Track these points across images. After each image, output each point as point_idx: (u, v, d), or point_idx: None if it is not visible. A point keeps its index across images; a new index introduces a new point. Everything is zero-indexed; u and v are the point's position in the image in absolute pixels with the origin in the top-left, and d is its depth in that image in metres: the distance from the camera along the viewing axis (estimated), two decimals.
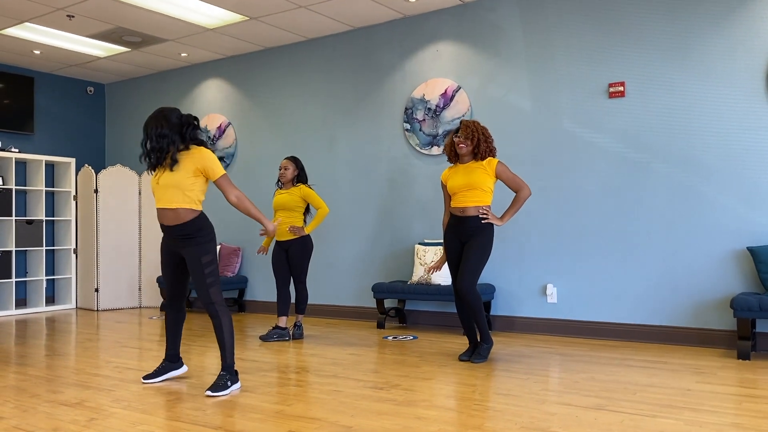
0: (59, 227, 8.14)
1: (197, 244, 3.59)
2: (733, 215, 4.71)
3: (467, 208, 4.27)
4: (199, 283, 3.60)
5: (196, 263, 3.59)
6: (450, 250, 4.38)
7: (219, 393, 3.50)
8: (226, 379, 3.58)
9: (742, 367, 4.10)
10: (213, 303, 3.59)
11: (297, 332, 5.38)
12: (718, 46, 4.79)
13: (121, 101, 8.71)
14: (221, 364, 3.64)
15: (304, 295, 5.36)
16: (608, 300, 5.17)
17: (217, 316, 3.60)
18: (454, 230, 4.34)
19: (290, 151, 7.01)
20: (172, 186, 3.56)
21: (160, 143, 3.54)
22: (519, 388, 3.60)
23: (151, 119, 3.61)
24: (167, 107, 3.67)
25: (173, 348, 3.90)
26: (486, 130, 4.33)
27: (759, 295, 4.41)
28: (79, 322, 6.73)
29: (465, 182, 4.28)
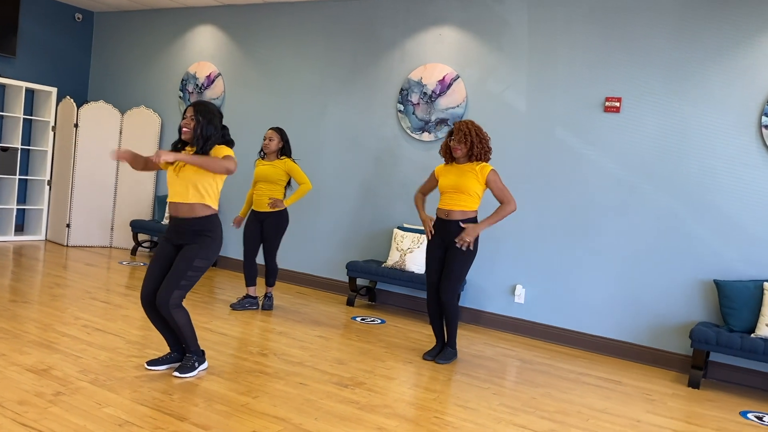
0: (34, 156, 7.98)
1: (202, 244, 3.50)
2: (706, 246, 4.82)
3: (452, 212, 4.28)
4: (172, 279, 3.45)
5: (188, 260, 3.47)
6: (431, 250, 4.39)
7: (186, 375, 3.56)
8: (193, 361, 3.62)
9: (692, 396, 4.28)
10: (168, 305, 3.44)
11: (267, 303, 5.43)
12: (717, 77, 4.80)
13: (110, 33, 8.43)
14: (186, 350, 3.63)
15: (273, 269, 5.38)
16: (573, 308, 5.30)
17: (173, 319, 3.48)
18: (438, 231, 4.36)
19: (280, 112, 6.92)
20: (194, 181, 3.48)
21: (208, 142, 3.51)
22: (478, 399, 3.72)
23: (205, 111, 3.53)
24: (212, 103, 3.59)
25: (177, 345, 3.69)
26: (480, 130, 4.29)
27: (717, 328, 4.56)
28: (48, 260, 6.68)
29: (454, 184, 4.28)
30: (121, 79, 8.26)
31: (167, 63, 7.89)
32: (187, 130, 3.54)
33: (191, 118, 3.54)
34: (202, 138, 3.51)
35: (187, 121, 3.54)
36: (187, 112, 3.57)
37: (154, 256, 3.61)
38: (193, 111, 3.54)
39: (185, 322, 3.54)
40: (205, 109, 3.55)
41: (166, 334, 3.68)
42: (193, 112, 3.54)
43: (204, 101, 3.62)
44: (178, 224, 3.54)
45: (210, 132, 3.52)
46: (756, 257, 4.66)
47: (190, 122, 3.53)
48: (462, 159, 4.31)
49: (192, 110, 3.55)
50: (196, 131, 3.51)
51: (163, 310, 3.47)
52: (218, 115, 3.61)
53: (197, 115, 3.52)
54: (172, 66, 7.84)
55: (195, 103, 3.58)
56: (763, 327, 4.37)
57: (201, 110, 3.54)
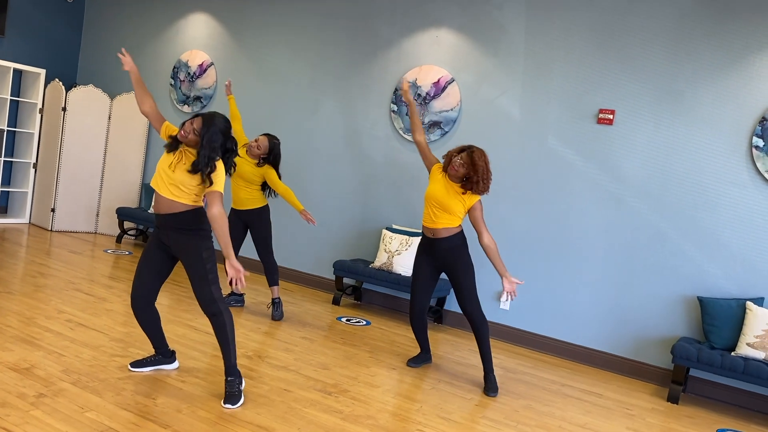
0: (21, 138, 7.87)
1: (197, 238, 3.34)
2: (691, 262, 4.87)
3: (438, 230, 4.19)
4: (199, 279, 3.31)
5: (196, 257, 3.31)
6: (420, 267, 4.35)
7: (237, 405, 3.31)
8: (236, 385, 3.36)
9: (671, 412, 4.34)
10: (215, 301, 3.30)
11: (276, 313, 5.16)
12: (710, 95, 4.83)
13: (101, 16, 8.30)
14: (225, 366, 3.35)
15: (273, 265, 5.21)
16: (557, 317, 5.34)
17: (221, 316, 3.30)
18: (425, 249, 4.33)
19: (272, 105, 6.87)
20: (179, 184, 3.29)
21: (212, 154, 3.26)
22: (461, 411, 3.74)
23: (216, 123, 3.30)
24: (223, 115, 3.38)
25: (163, 345, 3.63)
26: (488, 164, 4.08)
27: (699, 344, 4.62)
28: (31, 245, 6.61)
29: (440, 201, 4.14)
30: (112, 64, 8.14)
31: (159, 49, 7.79)
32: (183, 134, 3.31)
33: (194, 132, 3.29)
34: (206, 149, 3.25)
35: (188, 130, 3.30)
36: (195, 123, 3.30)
37: (144, 257, 3.48)
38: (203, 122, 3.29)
39: (232, 328, 3.33)
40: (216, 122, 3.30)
41: (153, 336, 3.62)
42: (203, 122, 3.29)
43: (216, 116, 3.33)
44: (162, 221, 3.37)
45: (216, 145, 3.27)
46: (740, 276, 4.71)
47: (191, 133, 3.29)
48: (454, 178, 4.16)
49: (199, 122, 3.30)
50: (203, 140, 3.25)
51: (213, 314, 3.30)
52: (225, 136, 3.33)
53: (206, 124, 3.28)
54: (164, 53, 7.74)
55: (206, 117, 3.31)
56: (744, 346, 4.43)
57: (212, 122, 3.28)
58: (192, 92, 7.45)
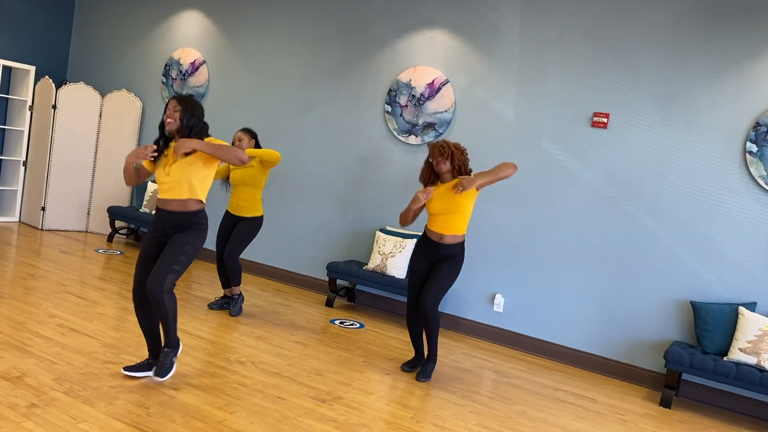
0: (10, 136, 7.79)
1: (190, 232, 3.52)
2: (684, 267, 4.88)
3: (445, 236, 4.25)
4: (165, 263, 3.43)
5: (179, 245, 3.47)
6: (415, 269, 4.36)
7: (166, 377, 3.53)
8: (171, 357, 3.57)
9: (664, 417, 4.35)
10: (163, 290, 3.40)
11: (234, 309, 5.17)
12: (704, 100, 4.83)
13: (92, 11, 8.20)
14: (164, 341, 3.57)
15: (236, 268, 5.13)
16: (550, 320, 5.35)
17: (163, 304, 3.42)
18: (425, 251, 4.34)
19: (264, 104, 6.82)
20: (186, 177, 3.49)
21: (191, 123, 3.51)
22: (455, 418, 3.74)
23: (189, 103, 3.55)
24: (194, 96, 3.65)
25: (158, 345, 3.64)
26: (457, 144, 4.30)
27: (692, 349, 4.64)
28: (21, 245, 6.55)
29: (447, 207, 4.21)
30: (103, 61, 8.06)
31: (151, 46, 7.71)
32: (171, 120, 3.52)
33: (174, 110, 3.53)
34: (187, 128, 3.51)
35: (170, 113, 3.54)
36: (169, 105, 3.56)
37: (142, 252, 3.58)
38: (176, 102, 3.55)
39: (173, 309, 3.49)
40: (189, 102, 3.58)
41: (149, 331, 3.61)
42: (176, 103, 3.55)
43: (188, 96, 3.65)
44: (165, 218, 3.54)
45: (194, 123, 3.54)
46: (733, 281, 4.73)
47: (173, 113, 3.52)
48: (447, 175, 4.27)
49: (174, 102, 3.56)
50: (183, 122, 3.50)
51: (156, 295, 3.40)
52: (200, 108, 3.62)
53: (180, 105, 3.53)
54: (156, 50, 7.67)
55: (176, 96, 3.59)
56: (736, 351, 4.45)
57: (183, 101, 3.57)
58: (184, 90, 7.39)
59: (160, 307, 3.43)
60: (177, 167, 3.50)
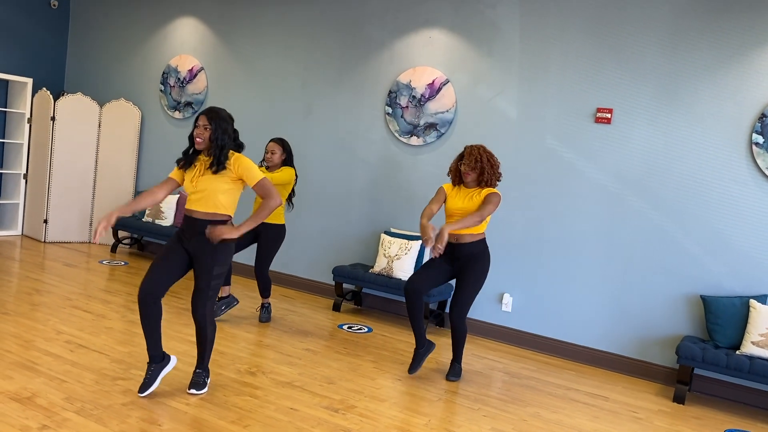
0: (9, 149, 7.76)
1: (215, 252, 3.49)
2: (693, 261, 4.85)
3: (462, 236, 4.25)
4: (201, 291, 3.51)
5: (207, 271, 3.50)
6: (434, 263, 4.33)
7: (202, 391, 3.66)
8: (204, 377, 3.69)
9: (677, 413, 4.33)
10: (206, 315, 3.54)
11: (264, 315, 5.31)
12: (708, 93, 4.79)
13: (87, 21, 8.16)
14: (198, 363, 3.67)
15: (267, 281, 5.26)
16: (560, 318, 5.32)
17: (205, 328, 3.56)
18: (447, 255, 4.32)
19: (264, 109, 6.78)
20: (213, 190, 3.46)
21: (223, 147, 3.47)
22: (469, 423, 3.72)
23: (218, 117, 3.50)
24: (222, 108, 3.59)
25: (157, 349, 3.55)
26: (492, 156, 4.27)
27: (703, 344, 4.61)
28: (25, 259, 6.52)
29: (463, 207, 4.24)
30: (100, 71, 8.02)
31: (148, 55, 7.67)
32: (200, 140, 3.49)
33: (204, 128, 3.49)
34: (218, 147, 3.48)
35: (200, 131, 3.50)
36: (199, 121, 3.51)
37: (162, 255, 3.52)
38: (206, 119, 3.50)
39: (212, 338, 3.62)
40: (217, 117, 3.50)
41: (151, 333, 3.50)
42: (206, 120, 3.49)
43: (215, 107, 3.58)
44: (192, 225, 3.51)
45: (225, 141, 3.50)
46: (743, 273, 4.69)
47: (203, 132, 3.49)
48: (471, 183, 4.29)
49: (205, 119, 3.49)
50: (212, 141, 3.48)
51: (200, 323, 3.54)
52: (230, 121, 3.58)
53: (211, 123, 3.49)
54: (153, 58, 7.63)
55: (207, 111, 3.53)
56: (749, 344, 4.42)
57: (213, 118, 3.49)
58: (183, 98, 7.35)
59: (203, 332, 3.58)
60: (205, 180, 3.49)
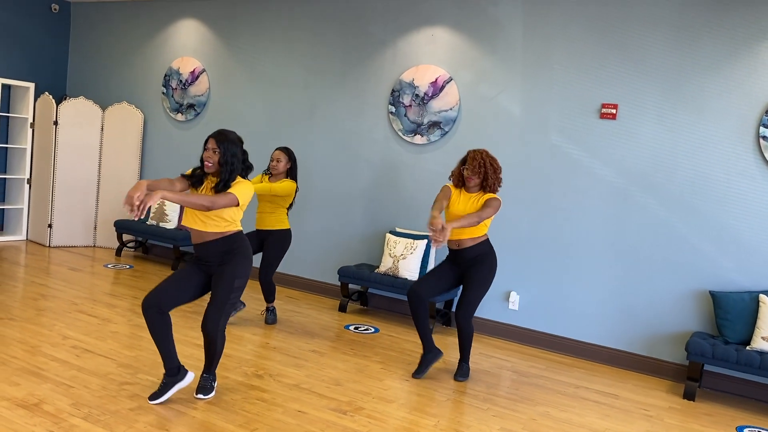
0: (13, 154, 7.75)
1: (235, 264, 3.50)
2: (701, 256, 4.81)
3: (463, 241, 4.26)
4: (217, 305, 3.48)
5: (227, 286, 3.48)
6: (442, 267, 4.38)
7: (209, 395, 3.65)
8: (210, 381, 3.69)
9: (688, 410, 4.29)
10: (218, 330, 3.50)
11: (270, 317, 5.31)
12: (714, 86, 4.75)
13: (88, 25, 8.14)
14: (206, 369, 3.66)
15: (271, 287, 5.25)
16: (568, 316, 5.28)
17: (215, 341, 3.53)
18: (453, 261, 4.36)
19: (267, 110, 6.76)
20: (219, 214, 3.45)
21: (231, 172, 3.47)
22: (478, 423, 3.69)
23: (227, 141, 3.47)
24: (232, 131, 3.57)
25: (172, 361, 3.51)
26: (495, 161, 4.26)
27: (713, 339, 4.57)
28: (30, 264, 6.52)
29: (463, 212, 4.24)
30: (102, 74, 8.01)
31: (149, 57, 7.66)
32: (210, 164, 3.49)
33: (213, 151, 3.47)
34: (227, 171, 3.47)
35: (209, 154, 3.48)
36: (209, 144, 3.50)
37: (179, 274, 3.54)
38: (215, 143, 3.48)
39: (222, 349, 3.61)
40: (226, 140, 3.49)
41: (161, 346, 3.46)
42: (215, 143, 3.48)
43: (224, 131, 3.55)
44: (208, 248, 3.51)
45: (234, 165, 3.48)
46: (752, 268, 4.65)
47: (212, 155, 3.47)
48: (474, 188, 4.29)
49: (214, 142, 3.48)
50: (221, 165, 3.47)
51: (212, 336, 3.50)
52: (239, 144, 3.55)
53: (220, 147, 3.47)
54: (154, 60, 7.61)
55: (216, 134, 3.51)
56: (759, 340, 4.38)
57: (222, 141, 3.48)
58: (185, 100, 7.34)
59: (214, 345, 3.55)
60: None
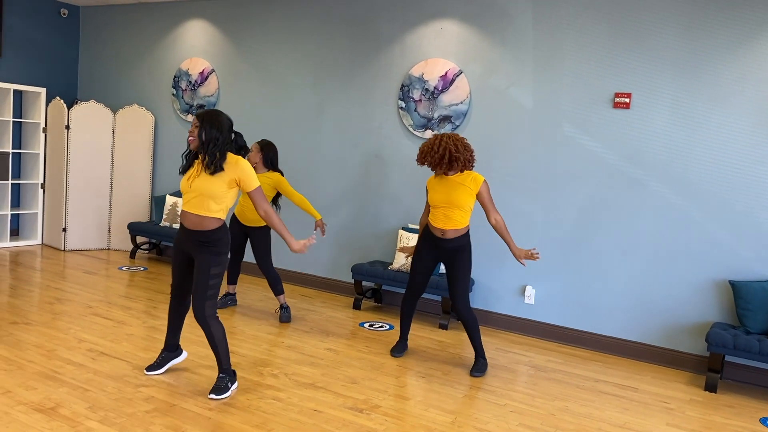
0: (26, 160, 7.79)
1: (211, 253, 3.57)
2: (720, 245, 4.73)
3: (447, 231, 4.27)
4: (199, 292, 3.57)
5: (204, 272, 3.56)
6: (421, 259, 4.42)
7: (221, 396, 3.63)
8: (226, 381, 3.68)
9: (710, 402, 4.22)
10: (205, 316, 3.57)
11: (284, 315, 5.30)
12: (730, 72, 4.66)
13: (97, 29, 8.17)
14: (219, 367, 3.69)
15: (275, 277, 5.26)
16: (584, 309, 5.22)
17: (209, 329, 3.60)
18: (431, 246, 4.37)
19: (276, 109, 6.75)
20: (206, 193, 3.52)
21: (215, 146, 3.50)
22: (497, 420, 3.65)
23: (208, 117, 3.53)
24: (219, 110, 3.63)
25: (174, 338, 3.92)
26: (453, 137, 4.17)
27: (734, 330, 4.49)
28: (45, 268, 6.55)
29: (447, 199, 4.24)
30: (112, 77, 8.03)
31: (158, 59, 7.66)
32: (192, 138, 3.57)
33: (195, 126, 3.56)
34: (207, 143, 3.51)
35: (191, 130, 3.58)
36: (193, 122, 3.59)
37: (173, 259, 3.76)
38: (198, 119, 3.57)
39: (221, 337, 3.63)
40: (208, 116, 3.58)
41: (173, 324, 3.87)
42: (196, 119, 3.57)
43: (209, 109, 3.68)
44: (185, 234, 3.63)
45: (213, 135, 3.51)
46: None
47: (194, 130, 3.56)
48: (451, 172, 4.27)
49: (196, 119, 3.59)
50: (201, 137, 3.52)
51: (202, 323, 3.58)
52: (226, 121, 3.60)
53: (201, 121, 3.54)
54: (164, 62, 7.62)
55: (199, 112, 3.60)
56: None
57: (205, 117, 3.57)
58: (195, 101, 7.34)
59: (208, 334, 3.61)
60: (200, 181, 3.54)
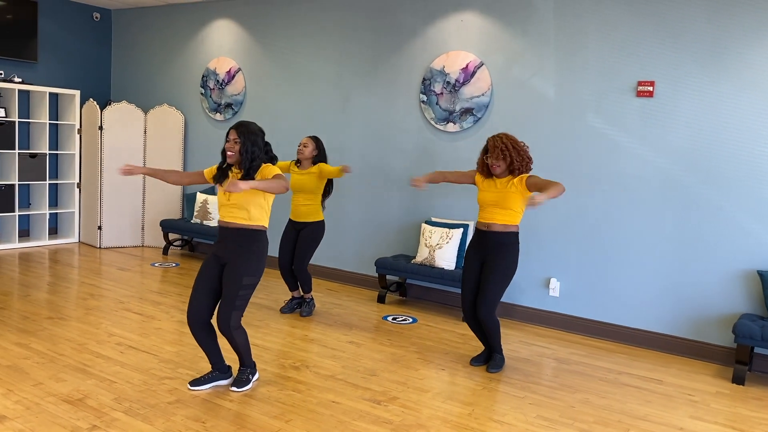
0: (63, 160, 8.04)
1: (246, 260, 3.53)
2: (749, 235, 4.62)
3: (493, 224, 4.15)
4: (227, 300, 3.53)
5: (236, 280, 3.52)
6: (467, 267, 4.29)
7: (243, 388, 3.70)
8: (247, 374, 3.75)
9: (737, 395, 4.14)
10: (230, 327, 3.56)
11: (306, 309, 5.39)
12: (757, 58, 4.54)
13: (128, 31, 8.37)
14: (240, 363, 3.76)
15: (306, 278, 5.32)
16: (610, 301, 5.17)
17: (233, 340, 3.61)
18: (476, 245, 4.26)
19: (301, 106, 6.82)
20: (243, 205, 3.52)
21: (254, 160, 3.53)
22: (514, 412, 3.65)
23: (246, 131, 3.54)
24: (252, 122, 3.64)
25: (217, 362, 3.75)
26: (516, 142, 4.08)
27: (762, 321, 4.40)
28: (82, 266, 6.77)
29: (496, 201, 4.13)
30: (142, 78, 8.23)
31: (187, 59, 7.82)
32: (231, 153, 3.56)
33: (234, 141, 3.55)
34: (248, 159, 3.53)
35: (230, 145, 3.56)
36: (230, 135, 3.58)
37: (200, 274, 3.62)
38: (236, 133, 3.55)
39: (243, 341, 3.66)
40: (247, 130, 3.55)
41: (210, 353, 3.72)
42: (236, 134, 3.55)
43: (244, 121, 3.61)
44: (228, 234, 3.57)
45: (255, 153, 3.54)
46: None
47: (234, 145, 3.55)
48: (502, 174, 4.15)
49: (234, 133, 3.55)
50: (242, 154, 3.54)
51: (226, 334, 3.58)
52: (261, 134, 3.61)
53: (240, 137, 3.54)
54: (192, 62, 7.77)
55: (237, 126, 3.58)
56: None
57: (243, 132, 3.54)
58: (223, 99, 7.47)
59: (231, 342, 3.63)
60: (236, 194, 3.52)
